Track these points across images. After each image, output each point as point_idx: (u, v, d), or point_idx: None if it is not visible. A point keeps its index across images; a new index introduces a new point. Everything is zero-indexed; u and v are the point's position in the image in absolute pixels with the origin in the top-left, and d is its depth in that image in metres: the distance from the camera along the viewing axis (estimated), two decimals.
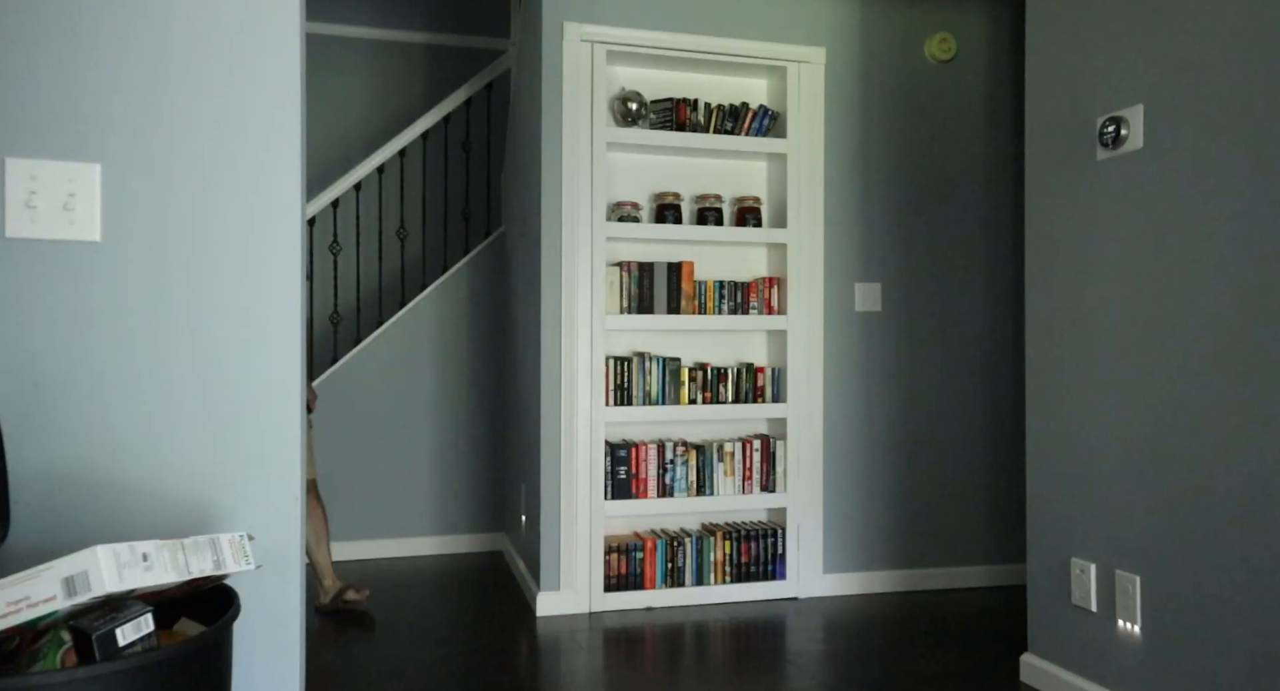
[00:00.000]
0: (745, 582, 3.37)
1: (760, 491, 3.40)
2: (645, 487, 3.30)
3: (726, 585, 3.35)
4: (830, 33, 3.48)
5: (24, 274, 1.28)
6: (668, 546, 3.30)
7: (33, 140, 1.28)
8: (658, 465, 3.31)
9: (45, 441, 1.28)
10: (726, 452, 3.37)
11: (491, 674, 2.63)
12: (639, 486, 3.30)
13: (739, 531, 3.37)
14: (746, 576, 3.38)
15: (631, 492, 3.29)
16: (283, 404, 1.39)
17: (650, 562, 3.29)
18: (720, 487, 3.37)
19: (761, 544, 3.38)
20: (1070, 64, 2.39)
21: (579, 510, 3.23)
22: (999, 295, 3.64)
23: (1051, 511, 2.45)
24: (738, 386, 3.41)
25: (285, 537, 1.39)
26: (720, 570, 3.35)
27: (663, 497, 3.31)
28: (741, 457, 3.39)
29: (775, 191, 3.51)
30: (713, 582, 3.34)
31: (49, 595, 1.02)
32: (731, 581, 3.36)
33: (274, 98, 1.38)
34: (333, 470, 4.00)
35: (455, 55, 5.18)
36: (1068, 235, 2.39)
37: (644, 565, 3.29)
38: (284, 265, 1.39)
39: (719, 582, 3.35)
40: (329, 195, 4.22)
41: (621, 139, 3.28)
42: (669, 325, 3.32)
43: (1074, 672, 2.37)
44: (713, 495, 3.36)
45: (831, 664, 2.73)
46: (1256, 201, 1.87)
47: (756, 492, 3.40)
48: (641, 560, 3.29)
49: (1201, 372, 1.99)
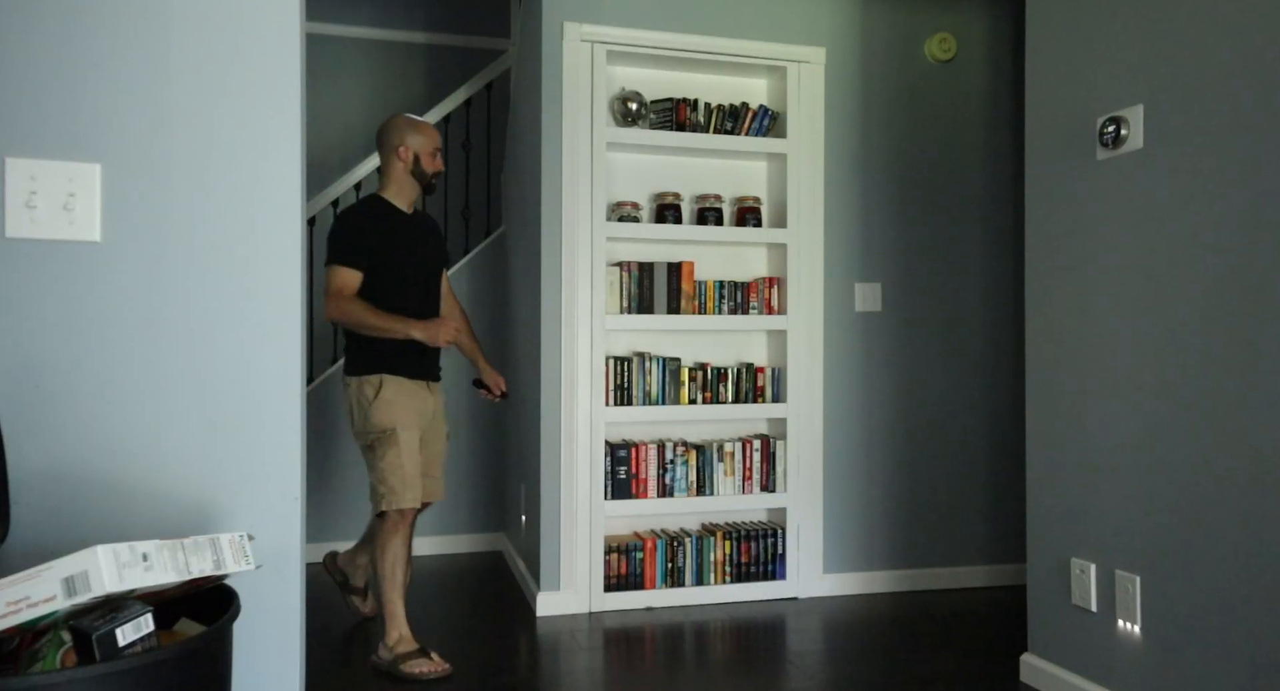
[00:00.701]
0: (745, 582, 3.37)
1: (760, 491, 3.40)
2: (645, 487, 3.30)
3: (726, 585, 3.34)
4: (830, 33, 3.48)
5: (24, 274, 1.28)
6: (668, 546, 3.30)
7: (33, 140, 1.28)
8: (658, 465, 3.31)
9: (45, 441, 1.28)
10: (726, 453, 3.37)
11: (491, 674, 2.63)
12: (639, 486, 3.29)
13: (739, 531, 3.37)
14: (746, 576, 3.38)
15: (631, 492, 3.29)
16: (283, 404, 1.39)
17: (650, 562, 3.29)
18: (720, 487, 3.37)
19: (761, 544, 3.38)
20: (1070, 64, 2.39)
21: (579, 510, 3.23)
22: (999, 295, 3.64)
23: (1051, 511, 2.45)
24: (738, 386, 3.40)
25: (285, 537, 1.39)
26: (720, 570, 3.35)
27: (663, 497, 3.31)
28: (741, 457, 3.39)
29: (775, 191, 3.51)
30: (713, 582, 3.34)
31: (49, 595, 1.02)
32: (731, 581, 3.36)
33: (274, 98, 1.38)
34: (333, 470, 4.00)
35: (455, 55, 5.18)
36: (1068, 235, 2.39)
37: (644, 565, 3.29)
38: (284, 265, 1.39)
39: (719, 582, 3.35)
40: (329, 195, 4.21)
41: (621, 139, 3.28)
42: (669, 325, 3.32)
43: (1074, 672, 2.37)
44: (713, 495, 3.36)
45: (831, 664, 2.72)
46: (1256, 201, 1.87)
47: (756, 492, 3.40)
48: (641, 560, 3.29)
49: (1201, 372, 1.99)
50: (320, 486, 3.96)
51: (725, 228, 3.36)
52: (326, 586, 3.29)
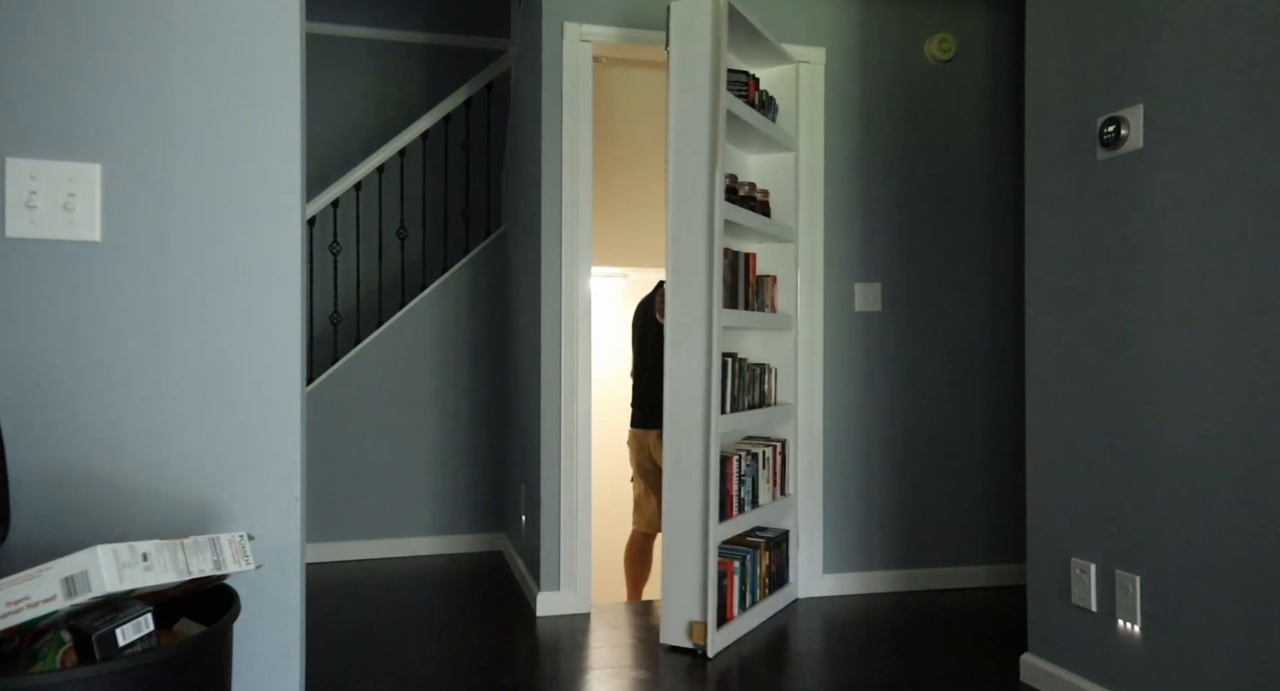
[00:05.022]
0: None
1: None
2: None
3: None
4: (830, 33, 3.48)
5: (24, 274, 1.28)
6: None
7: (33, 140, 1.28)
8: None
9: (45, 441, 1.28)
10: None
11: (491, 674, 2.63)
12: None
13: None
14: None
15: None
16: (283, 404, 1.39)
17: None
18: None
19: None
20: (1070, 64, 2.39)
21: (579, 510, 3.23)
22: (999, 295, 3.64)
23: (1051, 511, 2.45)
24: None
25: (285, 537, 1.39)
26: None
27: None
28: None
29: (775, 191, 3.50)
30: None
31: (49, 595, 1.02)
32: None
33: (274, 98, 1.38)
34: (334, 470, 4.00)
35: (455, 55, 5.17)
36: (1068, 235, 2.39)
37: None
38: (284, 265, 1.39)
39: None
40: (329, 195, 4.21)
41: None
42: None
43: (1074, 672, 2.36)
44: None
45: (831, 664, 2.72)
46: (1256, 201, 1.87)
47: None
48: None
49: (1201, 372, 1.99)
50: (321, 486, 3.96)
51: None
52: (326, 586, 3.29)
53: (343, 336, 4.87)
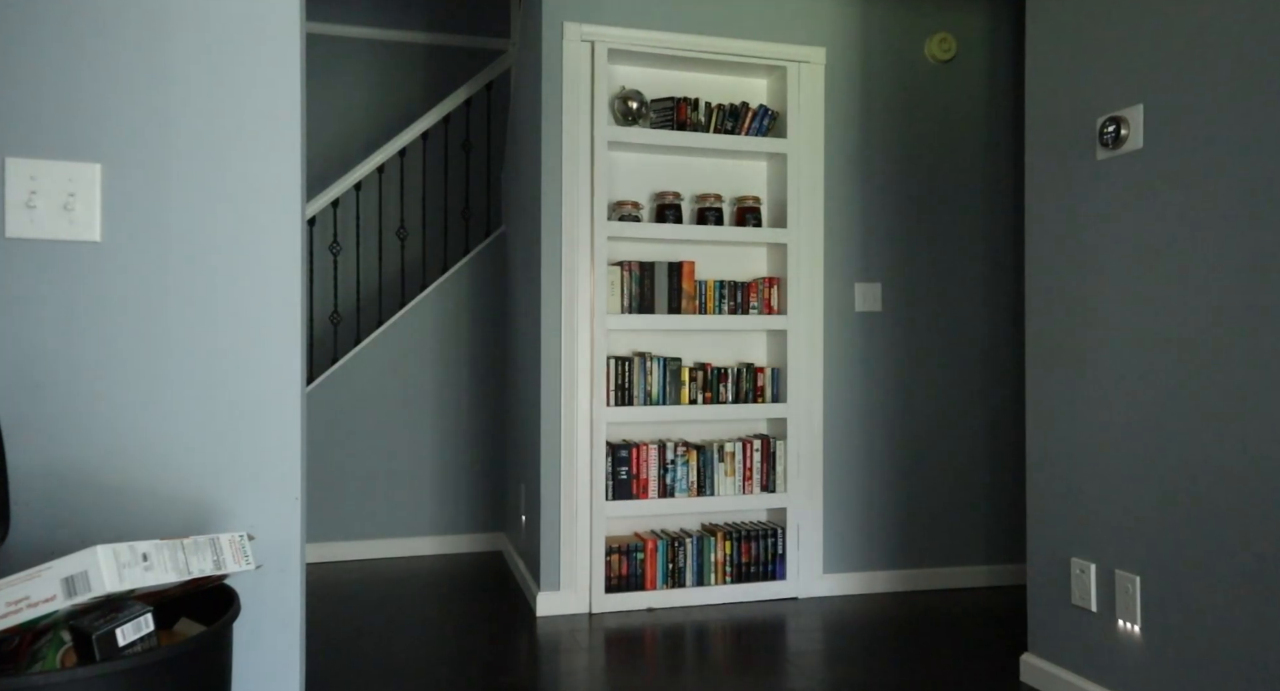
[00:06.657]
0: (745, 583, 3.37)
1: (760, 491, 3.40)
2: (646, 488, 3.30)
3: (727, 585, 3.34)
4: (830, 33, 3.48)
5: (24, 274, 1.28)
6: (669, 547, 3.30)
7: (33, 140, 1.28)
8: (658, 465, 3.31)
9: (45, 441, 1.28)
10: (727, 453, 3.37)
11: (491, 674, 2.63)
12: (640, 487, 3.29)
13: (739, 531, 3.37)
14: (747, 576, 3.38)
15: (632, 493, 3.29)
16: (283, 404, 1.39)
17: (651, 563, 3.29)
18: (721, 488, 3.37)
19: (761, 544, 3.38)
20: (1070, 64, 2.39)
21: (579, 510, 3.23)
22: (999, 295, 3.64)
23: (1051, 511, 2.45)
24: (738, 386, 3.40)
25: (285, 537, 1.39)
26: (720, 570, 3.35)
27: (664, 498, 3.31)
28: (742, 458, 3.39)
29: (775, 191, 3.51)
30: (713, 583, 3.34)
31: (49, 595, 1.02)
32: (732, 581, 3.36)
33: (274, 98, 1.38)
34: (334, 470, 4.00)
35: (455, 55, 5.18)
36: (1068, 235, 2.39)
37: (645, 565, 3.29)
38: (284, 265, 1.39)
39: (719, 583, 3.35)
40: (329, 195, 4.21)
41: (622, 138, 3.28)
42: (669, 325, 3.32)
43: (1074, 672, 2.37)
44: (713, 495, 3.36)
45: (831, 664, 2.72)
46: (1256, 201, 1.87)
47: (757, 492, 3.40)
48: (642, 560, 3.29)
49: (1201, 372, 1.99)
50: (321, 486, 3.97)
51: (725, 227, 3.36)
52: (326, 586, 3.29)
53: (343, 336, 4.88)
